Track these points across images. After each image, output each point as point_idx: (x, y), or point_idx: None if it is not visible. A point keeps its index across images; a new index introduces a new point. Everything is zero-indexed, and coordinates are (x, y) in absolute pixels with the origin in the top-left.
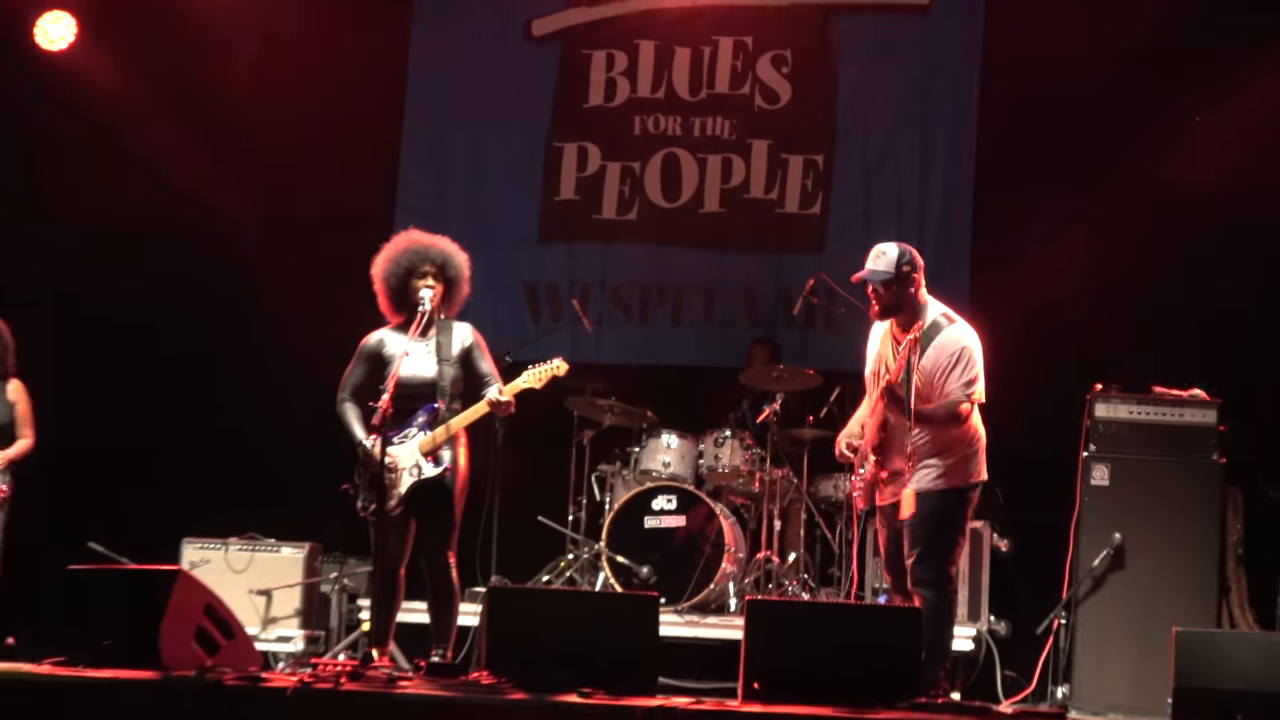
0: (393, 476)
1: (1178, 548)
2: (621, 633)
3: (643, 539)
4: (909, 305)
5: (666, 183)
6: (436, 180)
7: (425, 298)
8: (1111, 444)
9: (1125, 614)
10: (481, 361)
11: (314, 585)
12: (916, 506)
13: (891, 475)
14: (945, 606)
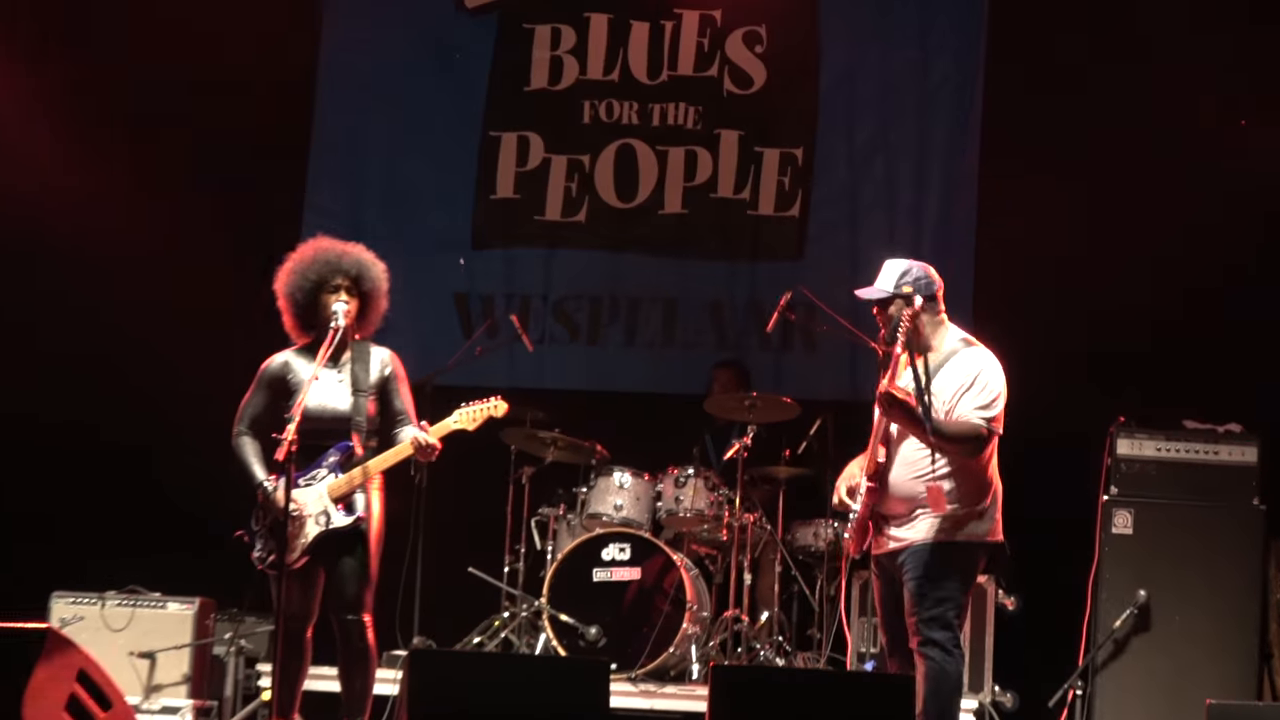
0: (296, 524)
1: (1212, 607)
2: (566, 704)
3: (591, 594)
4: (921, 330)
5: (621, 179)
6: (351, 176)
7: (338, 313)
8: (1136, 486)
9: (1151, 683)
10: (397, 396)
11: (205, 647)
12: (922, 560)
13: (891, 517)
14: (955, 672)
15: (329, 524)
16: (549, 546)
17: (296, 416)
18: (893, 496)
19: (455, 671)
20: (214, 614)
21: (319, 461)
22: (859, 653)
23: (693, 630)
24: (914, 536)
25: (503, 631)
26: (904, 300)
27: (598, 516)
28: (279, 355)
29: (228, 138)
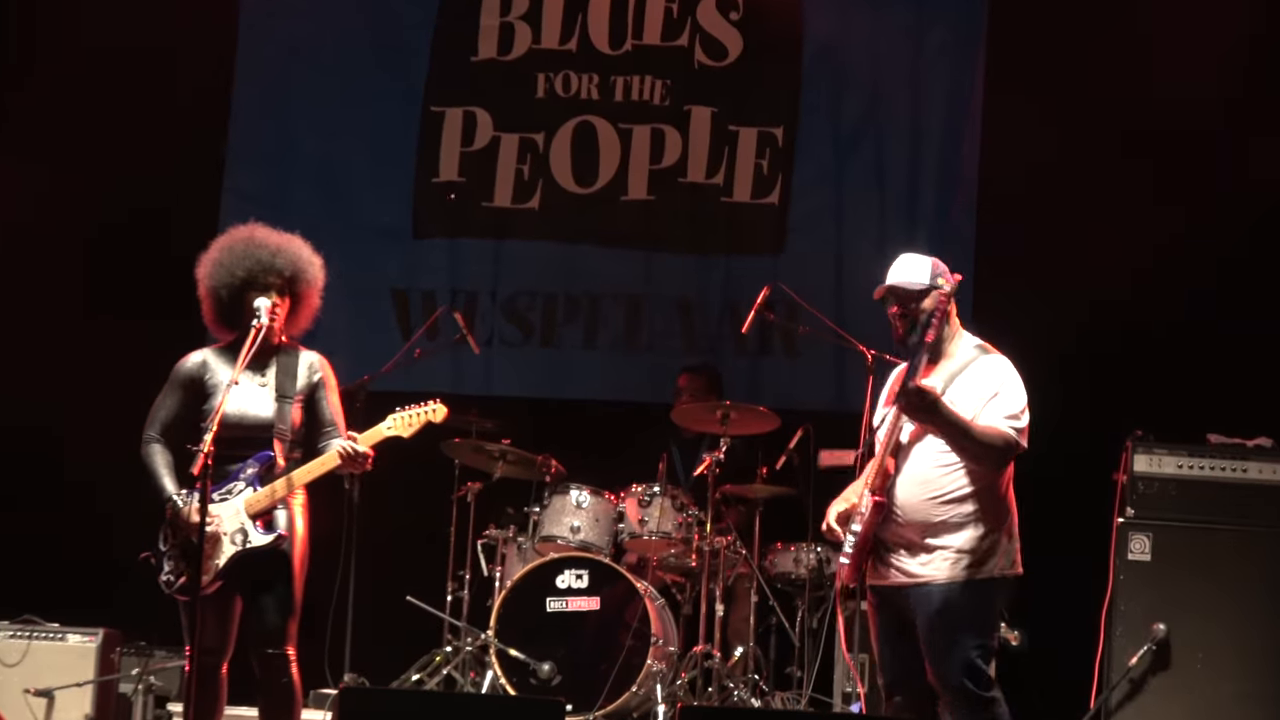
0: (210, 543)
1: (1240, 643)
2: None
3: (544, 626)
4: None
5: (579, 161)
6: (275, 156)
7: (261, 310)
8: (1155, 507)
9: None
10: (325, 405)
11: (110, 685)
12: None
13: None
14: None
15: (246, 543)
16: (497, 573)
17: (214, 425)
18: (903, 520)
19: (391, 712)
20: (120, 647)
21: (236, 474)
22: (843, 692)
23: (658, 667)
24: (930, 574)
25: (445, 668)
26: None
27: (552, 539)
28: (195, 354)
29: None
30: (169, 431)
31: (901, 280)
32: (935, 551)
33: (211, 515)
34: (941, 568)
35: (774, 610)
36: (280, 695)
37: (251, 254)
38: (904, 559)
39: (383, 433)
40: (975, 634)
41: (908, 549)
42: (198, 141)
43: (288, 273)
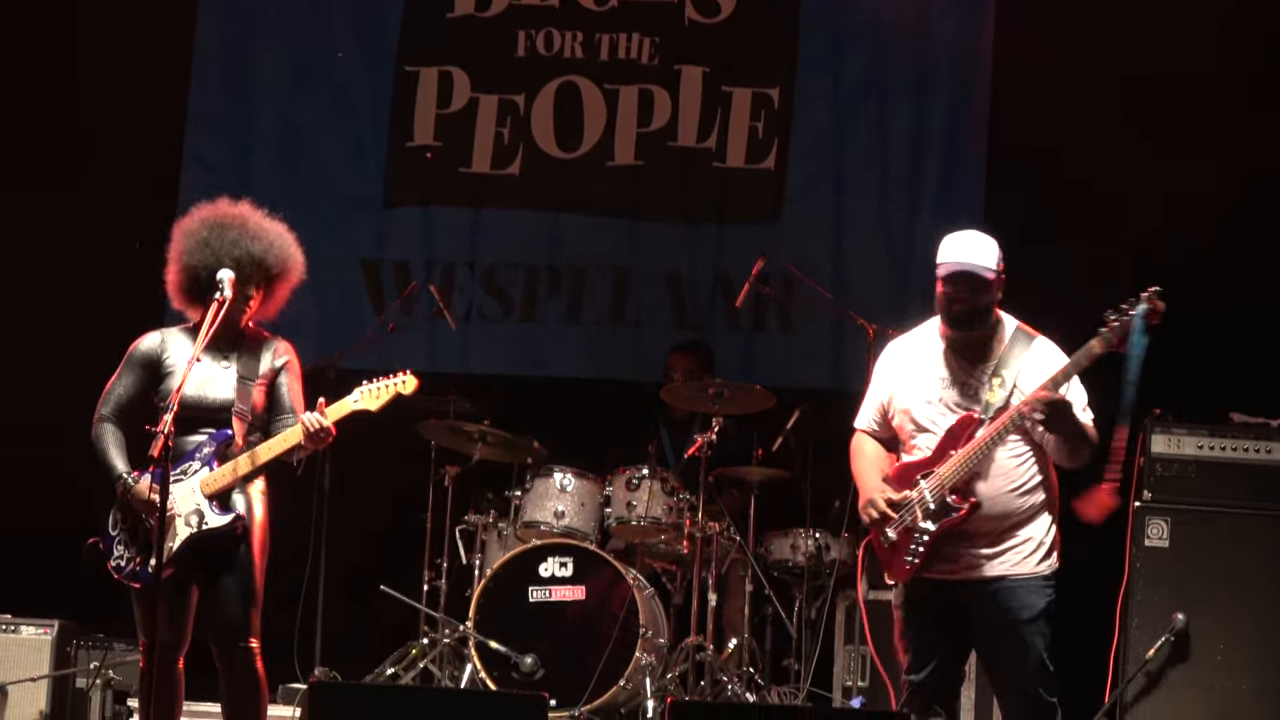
0: None
1: (1261, 634)
2: None
3: (526, 617)
4: (993, 316)
5: (562, 124)
6: (236, 122)
7: (224, 280)
8: (1174, 490)
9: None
10: (286, 391)
11: (66, 679)
12: (1028, 600)
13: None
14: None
15: (202, 524)
16: (476, 561)
17: (174, 405)
18: (982, 513)
19: (364, 708)
20: (76, 639)
21: (191, 453)
22: (844, 685)
23: (647, 660)
24: (1010, 569)
25: (421, 661)
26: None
27: (535, 525)
28: (153, 333)
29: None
30: (122, 411)
31: (976, 264)
32: (1014, 543)
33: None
34: (1021, 562)
35: (770, 600)
36: (244, 690)
37: (243, 245)
38: (981, 552)
39: (349, 406)
40: (1048, 632)
41: (986, 541)
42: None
43: (275, 270)
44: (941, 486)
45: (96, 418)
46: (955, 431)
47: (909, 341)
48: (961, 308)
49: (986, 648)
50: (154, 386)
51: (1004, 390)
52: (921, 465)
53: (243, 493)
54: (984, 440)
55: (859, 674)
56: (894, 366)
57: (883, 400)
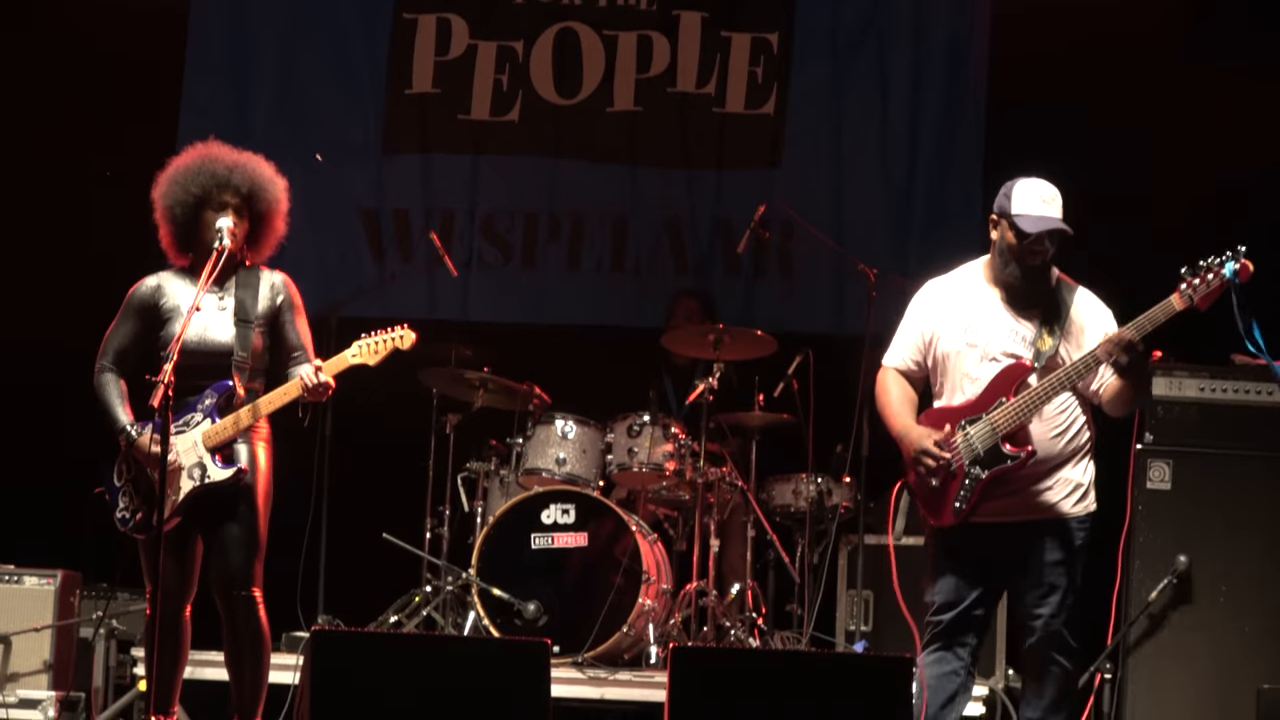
0: (168, 478)
1: (1263, 576)
2: (499, 693)
3: (529, 564)
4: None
5: (561, 70)
6: (236, 68)
7: (223, 231)
8: (1175, 433)
9: (1192, 665)
10: (292, 328)
11: (70, 629)
12: (1065, 540)
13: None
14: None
15: (205, 478)
16: (479, 508)
17: (174, 354)
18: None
19: (367, 656)
20: (79, 590)
21: (193, 405)
22: (847, 630)
23: (650, 606)
24: (1049, 510)
25: (424, 609)
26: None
27: (536, 472)
28: (150, 278)
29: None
30: (122, 360)
31: (1063, 222)
32: (1059, 485)
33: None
34: (1059, 503)
35: (772, 545)
36: (248, 639)
37: (206, 169)
38: (1023, 495)
39: (347, 360)
40: (1077, 574)
41: (1027, 484)
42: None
43: (244, 189)
44: (995, 433)
45: (97, 368)
46: (1004, 379)
47: (952, 284)
48: (1043, 260)
49: (1018, 589)
50: (153, 332)
51: (1054, 340)
52: (965, 411)
53: (247, 442)
54: (1042, 389)
55: (862, 618)
56: (937, 308)
57: (923, 340)
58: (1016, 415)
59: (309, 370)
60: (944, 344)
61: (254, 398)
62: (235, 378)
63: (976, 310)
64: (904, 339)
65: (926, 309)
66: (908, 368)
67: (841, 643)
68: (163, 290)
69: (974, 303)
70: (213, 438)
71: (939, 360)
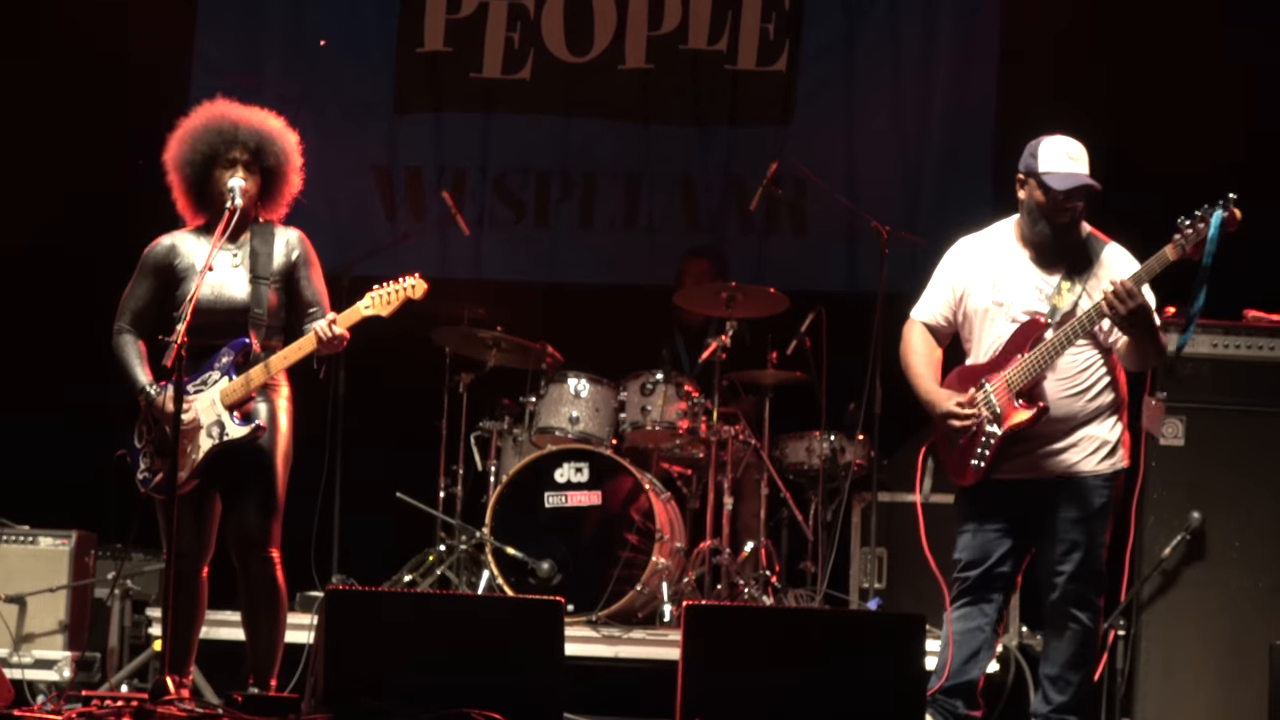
0: (186, 438)
1: (1277, 531)
2: (513, 652)
3: (542, 523)
4: None
5: (572, 28)
6: (247, 25)
7: (235, 190)
8: (1188, 389)
9: (1206, 622)
10: (307, 284)
11: (85, 589)
12: (1087, 496)
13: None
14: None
15: (224, 436)
16: (492, 467)
17: (187, 313)
18: (1050, 415)
19: (382, 615)
20: (94, 550)
21: (210, 363)
22: (860, 587)
23: (664, 564)
24: (1073, 467)
25: (438, 568)
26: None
27: (549, 431)
28: (164, 238)
29: None
30: (140, 320)
31: (1091, 178)
32: (1077, 441)
33: (187, 407)
34: (1082, 460)
35: (785, 503)
36: (264, 598)
37: (213, 127)
38: (1045, 451)
39: (360, 312)
40: (1102, 531)
41: (1050, 441)
42: None
43: (253, 144)
44: (1008, 390)
45: (115, 329)
46: (1021, 336)
47: (983, 242)
48: (1072, 217)
49: (1043, 545)
50: (169, 291)
51: (1072, 295)
52: (985, 369)
53: (266, 401)
54: (1052, 343)
55: (875, 576)
56: (968, 265)
57: (954, 295)
58: (1029, 371)
59: (322, 324)
60: (973, 301)
61: (270, 354)
62: (252, 334)
63: (1005, 269)
64: (935, 293)
65: (958, 265)
66: (936, 322)
67: (855, 600)
68: (177, 250)
69: (1003, 262)
70: (230, 395)
71: (968, 317)
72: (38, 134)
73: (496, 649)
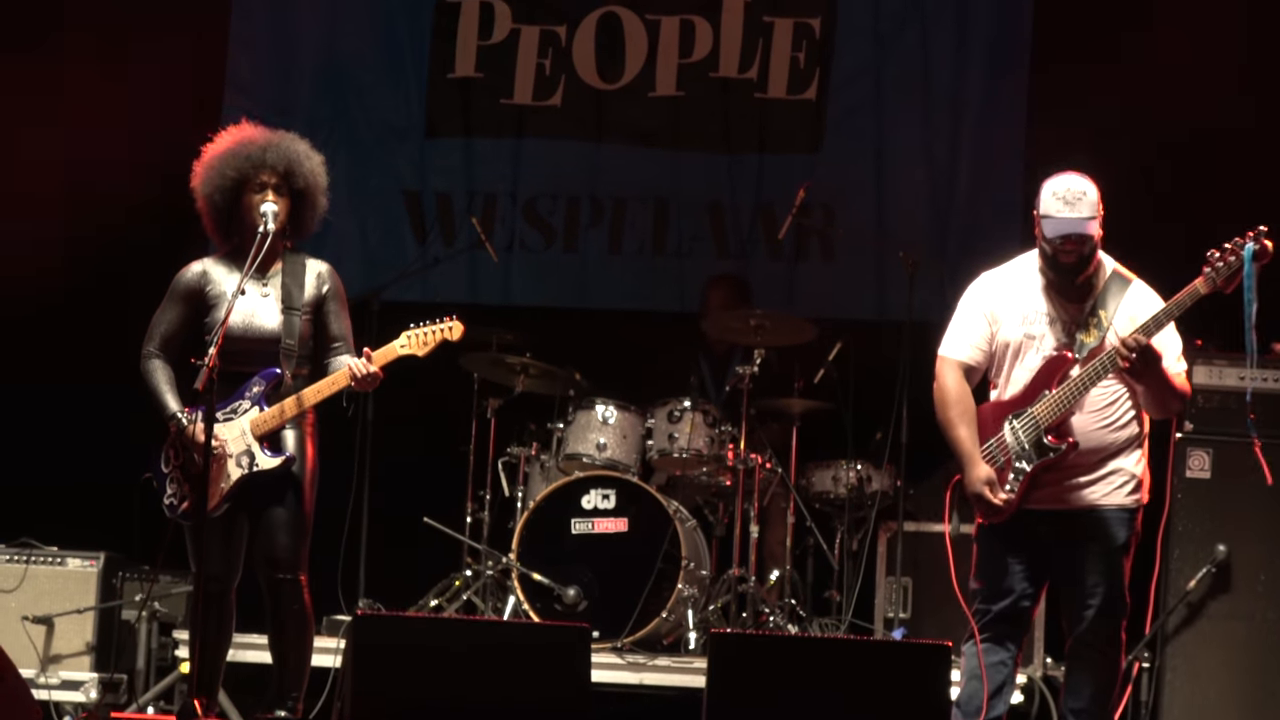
0: (216, 465)
1: None
2: (539, 678)
3: (569, 549)
4: (1095, 257)
5: (603, 55)
6: (280, 48)
7: (268, 215)
8: (1215, 422)
9: (1231, 655)
10: (334, 319)
11: (113, 611)
12: (1117, 531)
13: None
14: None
15: (253, 465)
16: (519, 493)
17: (218, 338)
18: (1080, 449)
19: (408, 640)
20: (122, 572)
21: (241, 392)
22: (885, 617)
23: (689, 592)
24: (1101, 499)
25: (465, 593)
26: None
27: (577, 457)
28: (195, 264)
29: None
30: (169, 346)
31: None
32: (1113, 476)
33: (216, 436)
34: (1111, 493)
35: (811, 531)
36: (292, 622)
37: (241, 152)
38: (1075, 483)
39: (396, 351)
40: (1125, 564)
41: (1079, 474)
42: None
43: (281, 168)
44: (1037, 426)
45: (144, 354)
46: (1048, 371)
47: (1009, 276)
48: (1071, 260)
49: (1068, 579)
50: (199, 318)
51: (1100, 331)
52: (1013, 404)
53: (294, 428)
54: (1078, 380)
55: (900, 605)
56: (996, 299)
57: (985, 331)
58: (1056, 407)
59: (359, 362)
60: (1004, 334)
61: (300, 385)
62: (283, 364)
63: (1033, 303)
64: (968, 329)
65: (984, 299)
66: (972, 358)
67: (880, 629)
68: (208, 276)
69: (1031, 295)
70: (260, 426)
71: (998, 351)
72: None
73: (522, 675)
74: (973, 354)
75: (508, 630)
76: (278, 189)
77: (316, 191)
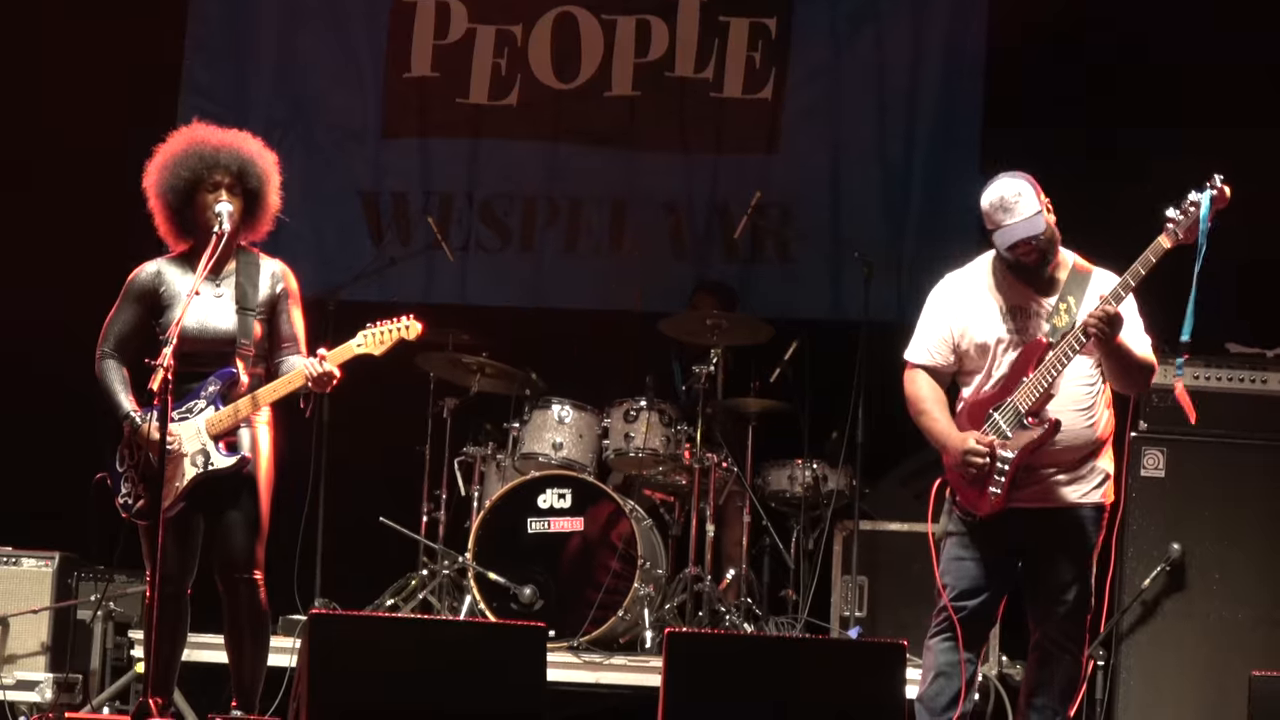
0: (171, 465)
1: (1256, 564)
2: (495, 677)
3: (525, 549)
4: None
5: (559, 55)
6: (236, 49)
7: (223, 215)
8: (1169, 421)
9: (1185, 653)
10: (287, 318)
11: (68, 611)
12: (1088, 529)
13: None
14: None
15: (209, 465)
16: (475, 492)
17: (173, 339)
18: (1061, 443)
19: (364, 639)
20: (77, 571)
21: (197, 391)
22: (841, 615)
23: (645, 591)
24: (1081, 497)
25: (421, 592)
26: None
27: (533, 457)
28: (149, 264)
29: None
30: (124, 346)
31: (1030, 228)
32: (1088, 473)
33: (171, 435)
34: (1090, 491)
35: (767, 531)
36: (249, 622)
37: (194, 152)
38: (1060, 480)
39: (353, 350)
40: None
41: (1063, 471)
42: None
43: (235, 167)
44: (1018, 413)
45: (99, 354)
46: (1024, 358)
47: (970, 277)
48: (1033, 260)
49: (1039, 576)
50: (154, 318)
51: (1069, 315)
52: (992, 399)
53: (249, 426)
54: (1052, 360)
55: (856, 604)
56: (957, 302)
57: (949, 334)
58: (1034, 389)
59: (310, 361)
60: (979, 335)
61: (256, 384)
62: (239, 364)
63: (999, 300)
64: (931, 334)
65: (946, 303)
66: (936, 364)
67: (836, 628)
68: (161, 276)
69: (990, 294)
70: (215, 426)
71: (971, 352)
72: None
73: (478, 674)
74: (935, 358)
75: (464, 629)
76: (231, 189)
77: (270, 190)
